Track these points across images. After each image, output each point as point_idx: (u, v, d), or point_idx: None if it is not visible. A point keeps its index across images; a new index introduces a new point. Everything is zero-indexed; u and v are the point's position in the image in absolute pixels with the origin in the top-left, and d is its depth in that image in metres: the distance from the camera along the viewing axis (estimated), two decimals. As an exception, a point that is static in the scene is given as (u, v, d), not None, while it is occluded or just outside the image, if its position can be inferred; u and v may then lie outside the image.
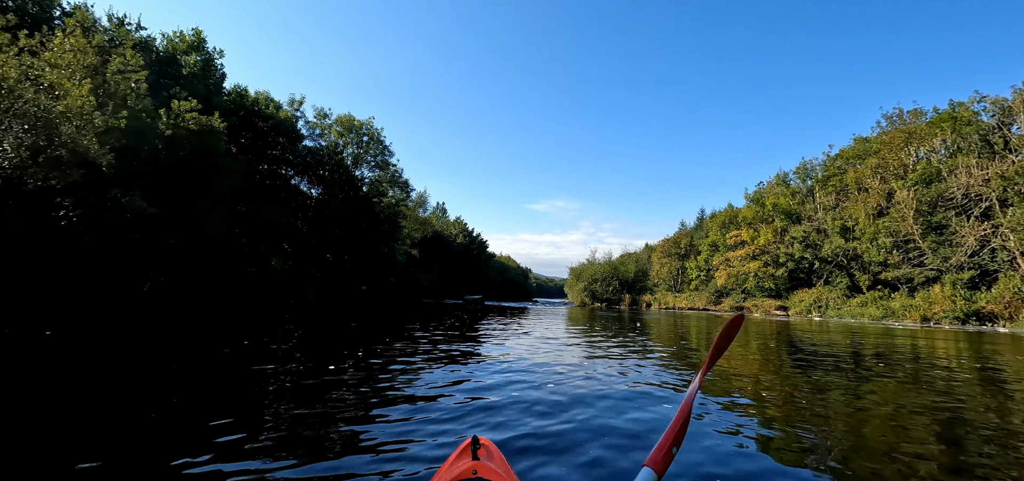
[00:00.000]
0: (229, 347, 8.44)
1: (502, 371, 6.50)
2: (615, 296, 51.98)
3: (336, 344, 9.54)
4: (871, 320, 27.81)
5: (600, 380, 6.02)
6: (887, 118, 33.56)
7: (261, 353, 7.68)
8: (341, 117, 31.05)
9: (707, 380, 6.10)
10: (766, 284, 40.31)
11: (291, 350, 8.19)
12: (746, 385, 6.04)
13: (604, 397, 4.92)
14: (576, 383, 5.73)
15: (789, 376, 7.14)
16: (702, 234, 59.58)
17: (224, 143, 16.43)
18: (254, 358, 7.08)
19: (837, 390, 5.83)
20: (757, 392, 5.62)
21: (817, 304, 34.65)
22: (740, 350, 10.11)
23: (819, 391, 5.71)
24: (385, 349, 8.82)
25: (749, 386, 6.00)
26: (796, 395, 5.43)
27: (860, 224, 32.55)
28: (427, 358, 7.67)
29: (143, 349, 7.91)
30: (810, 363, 8.38)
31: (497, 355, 8.43)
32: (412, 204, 48.83)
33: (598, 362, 7.94)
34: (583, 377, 6.26)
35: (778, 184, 44.54)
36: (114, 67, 13.43)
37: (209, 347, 8.38)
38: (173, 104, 15.34)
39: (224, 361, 6.84)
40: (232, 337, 10.02)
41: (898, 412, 4.66)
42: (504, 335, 12.50)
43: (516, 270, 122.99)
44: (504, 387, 5.34)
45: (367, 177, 32.82)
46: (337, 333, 11.74)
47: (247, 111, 25.63)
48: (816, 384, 6.19)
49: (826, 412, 4.59)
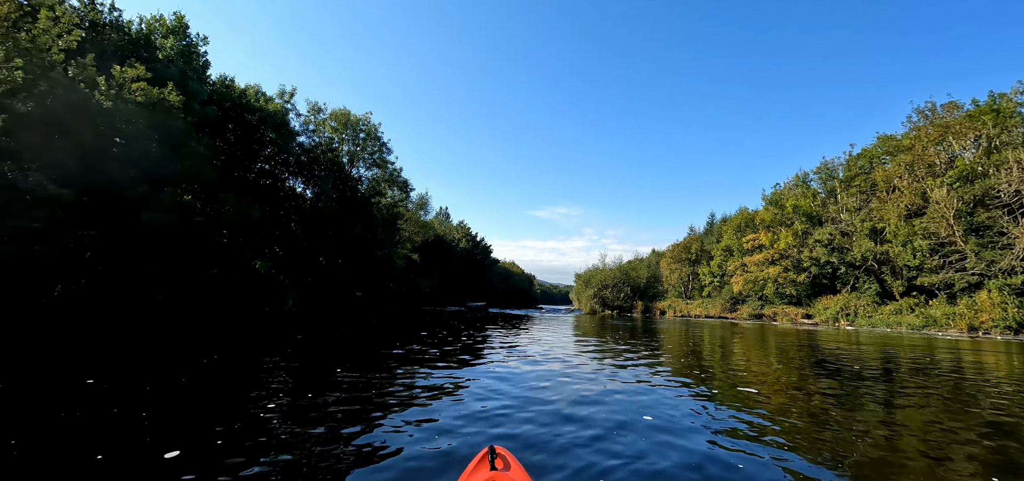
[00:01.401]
0: (181, 368, 6.43)
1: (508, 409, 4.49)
2: (627, 303, 49.66)
3: (281, 368, 7.52)
4: (910, 329, 25.49)
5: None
6: (919, 113, 31.32)
7: (199, 373, 5.68)
8: (336, 111, 29.16)
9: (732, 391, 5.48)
10: (787, 291, 37.95)
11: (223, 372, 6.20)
12: (790, 409, 4.79)
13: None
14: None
15: (849, 397, 5.12)
16: (713, 239, 57.27)
17: (182, 122, 14.47)
18: (185, 380, 5.09)
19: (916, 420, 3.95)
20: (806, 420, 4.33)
21: (844, 312, 32.31)
22: (778, 365, 8.02)
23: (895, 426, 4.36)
24: (341, 381, 6.77)
25: (796, 414, 4.04)
26: (862, 428, 4.03)
27: (891, 226, 30.26)
28: (398, 394, 5.66)
29: (20, 373, 5.91)
30: (869, 387, 6.25)
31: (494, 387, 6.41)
32: (412, 206, 46.83)
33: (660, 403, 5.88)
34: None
35: (797, 185, 42.26)
36: (41, 27, 11.52)
37: (126, 367, 6.38)
38: (114, 70, 13.33)
39: (139, 386, 4.82)
40: (178, 352, 8.02)
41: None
42: (507, 355, 10.41)
43: (520, 276, 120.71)
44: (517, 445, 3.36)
45: (364, 176, 30.94)
46: (304, 349, 9.72)
47: (234, 103, 23.85)
48: (884, 416, 4.71)
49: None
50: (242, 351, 8.56)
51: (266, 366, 6.84)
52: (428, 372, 6.76)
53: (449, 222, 74.67)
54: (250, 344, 9.63)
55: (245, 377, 5.95)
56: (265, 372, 6.31)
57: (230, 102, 23.20)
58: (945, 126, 28.45)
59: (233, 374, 6.13)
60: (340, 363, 7.25)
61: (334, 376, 6.11)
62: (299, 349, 9.07)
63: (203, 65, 21.66)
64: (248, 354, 8.16)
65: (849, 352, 11.76)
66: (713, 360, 9.65)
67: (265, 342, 10.19)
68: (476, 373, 6.79)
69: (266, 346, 9.37)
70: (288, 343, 10.12)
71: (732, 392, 5.94)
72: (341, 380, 5.83)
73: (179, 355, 7.60)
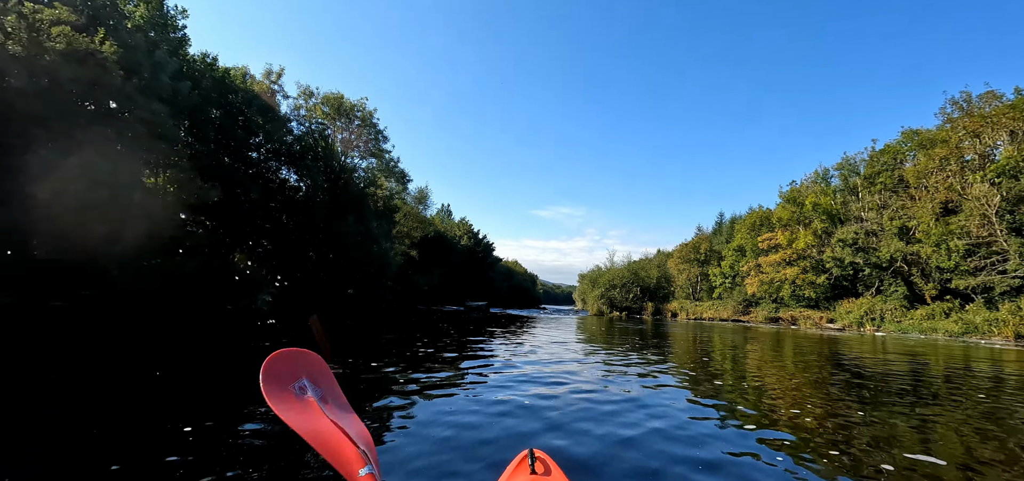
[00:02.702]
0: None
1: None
2: (636, 305, 47.57)
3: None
4: (948, 336, 23.41)
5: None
6: (953, 104, 29.14)
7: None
8: (328, 96, 27.28)
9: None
10: (805, 293, 35.86)
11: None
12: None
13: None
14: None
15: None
16: (722, 239, 55.18)
17: (121, 80, 12.49)
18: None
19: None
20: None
21: (869, 316, 30.22)
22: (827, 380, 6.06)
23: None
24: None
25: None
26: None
27: (924, 224, 28.15)
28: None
29: None
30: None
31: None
32: (411, 199, 44.88)
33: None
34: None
35: (816, 181, 40.13)
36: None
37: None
38: (25, 5, 11.18)
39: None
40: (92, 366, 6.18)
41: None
42: (502, 369, 8.50)
43: (523, 276, 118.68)
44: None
45: (358, 165, 29.06)
46: (235, 367, 7.88)
47: (214, 82, 22.05)
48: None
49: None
50: (187, 363, 6.72)
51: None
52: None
53: (451, 219, 72.86)
54: (202, 352, 7.81)
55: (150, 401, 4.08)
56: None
57: (209, 80, 21.38)
58: (984, 117, 26.30)
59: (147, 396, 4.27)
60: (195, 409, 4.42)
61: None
62: (231, 366, 7.22)
63: (178, 41, 19.85)
64: (191, 367, 6.31)
65: (904, 363, 9.78)
66: (769, 384, 7.71)
67: (219, 351, 8.38)
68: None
69: (214, 358, 7.54)
70: (246, 352, 8.30)
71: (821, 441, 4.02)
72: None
73: (90, 369, 5.75)
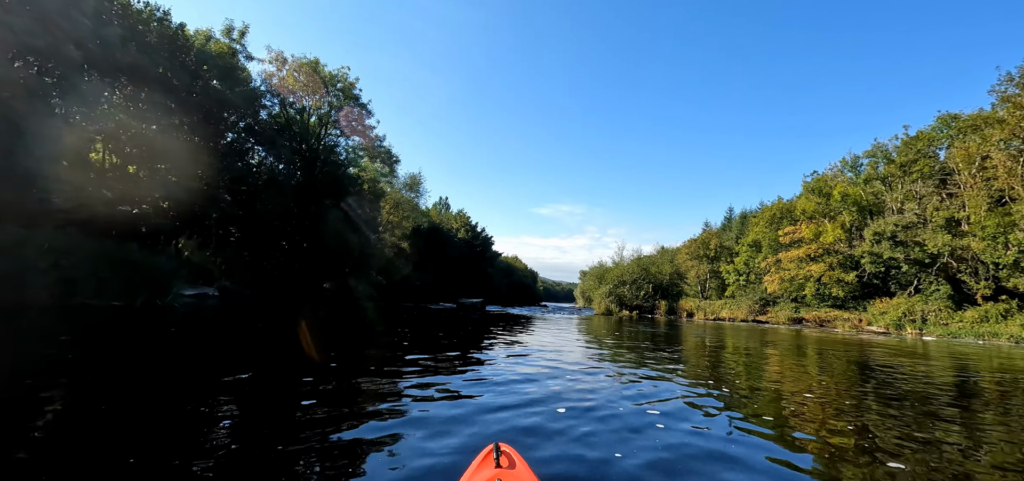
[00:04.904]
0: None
1: None
2: (648, 303, 44.32)
3: None
4: (1013, 341, 20.26)
5: None
6: (1009, 80, 25.79)
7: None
8: (303, 62, 23.87)
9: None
10: (832, 291, 32.66)
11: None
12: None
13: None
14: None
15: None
16: (732, 235, 51.99)
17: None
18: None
19: None
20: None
21: (909, 318, 27.03)
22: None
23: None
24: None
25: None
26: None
27: (977, 215, 24.93)
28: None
29: None
30: None
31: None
32: (401, 185, 41.48)
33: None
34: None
35: (845, 169, 36.92)
36: None
37: None
38: None
39: None
40: None
41: None
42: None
43: (524, 272, 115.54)
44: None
45: (337, 143, 25.71)
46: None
47: (166, 41, 18.88)
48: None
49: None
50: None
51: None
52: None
53: (448, 212, 69.69)
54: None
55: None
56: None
57: (155, 35, 18.19)
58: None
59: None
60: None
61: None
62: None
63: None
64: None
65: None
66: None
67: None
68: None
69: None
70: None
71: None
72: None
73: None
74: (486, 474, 1.86)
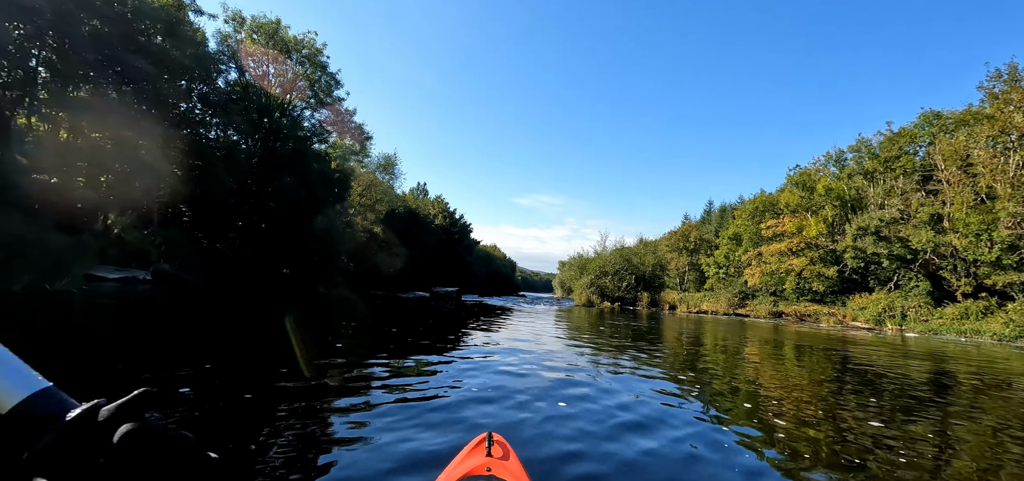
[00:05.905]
0: None
1: None
2: (630, 295, 43.54)
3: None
4: (995, 339, 20.06)
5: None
6: (997, 77, 25.60)
7: None
8: (263, 23, 21.51)
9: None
10: (812, 286, 32.50)
11: None
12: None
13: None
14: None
15: None
16: (712, 228, 51.93)
17: None
18: None
19: None
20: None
21: (889, 314, 26.92)
22: None
23: None
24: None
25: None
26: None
27: (959, 213, 24.77)
28: None
29: None
30: None
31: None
32: (374, 166, 39.20)
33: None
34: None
35: (827, 163, 36.74)
36: None
37: None
38: None
39: None
40: None
41: None
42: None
43: (502, 261, 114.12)
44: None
45: (301, 114, 23.47)
46: None
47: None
48: None
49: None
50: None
51: None
52: None
53: (426, 198, 67.44)
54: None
55: None
56: None
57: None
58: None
59: None
60: None
61: None
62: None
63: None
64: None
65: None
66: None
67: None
68: None
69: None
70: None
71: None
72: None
73: None
74: (477, 461, 1.82)
